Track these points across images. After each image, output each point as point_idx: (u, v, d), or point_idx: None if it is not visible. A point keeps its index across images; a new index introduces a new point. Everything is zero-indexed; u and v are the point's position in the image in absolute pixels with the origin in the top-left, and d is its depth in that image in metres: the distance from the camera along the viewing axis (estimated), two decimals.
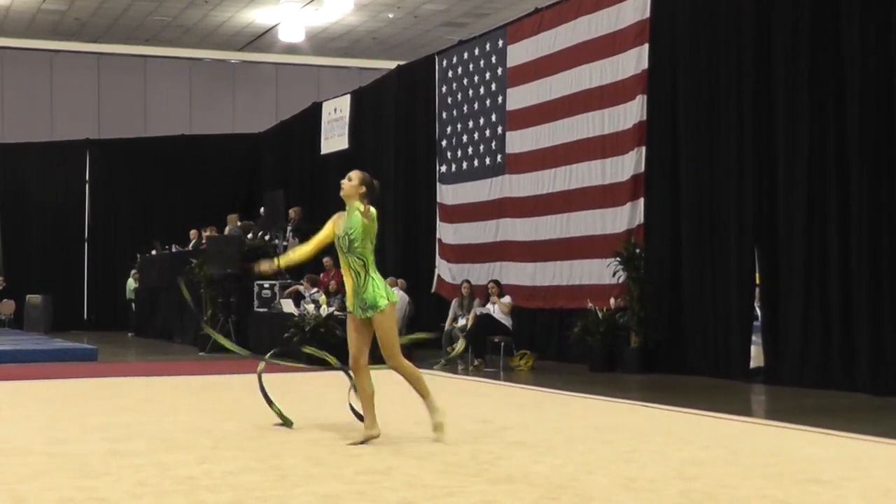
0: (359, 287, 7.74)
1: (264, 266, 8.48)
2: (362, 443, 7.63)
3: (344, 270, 7.88)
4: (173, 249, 22.84)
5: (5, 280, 27.14)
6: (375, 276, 7.74)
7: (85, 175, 28.12)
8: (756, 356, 12.81)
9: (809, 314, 11.91)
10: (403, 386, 7.90)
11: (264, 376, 9.02)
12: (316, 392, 11.75)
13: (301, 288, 17.85)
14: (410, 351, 11.52)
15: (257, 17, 25.43)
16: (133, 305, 25.12)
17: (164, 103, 29.30)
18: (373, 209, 7.77)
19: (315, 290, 17.10)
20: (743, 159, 12.83)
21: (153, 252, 23.74)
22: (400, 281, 17.41)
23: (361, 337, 7.82)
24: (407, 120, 20.49)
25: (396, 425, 8.72)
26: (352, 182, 7.87)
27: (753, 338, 12.93)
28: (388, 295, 7.73)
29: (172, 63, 29.26)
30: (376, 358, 7.69)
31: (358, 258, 7.73)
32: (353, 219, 7.76)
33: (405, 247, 20.25)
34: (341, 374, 8.69)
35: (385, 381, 8.14)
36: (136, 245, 25.19)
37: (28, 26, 26.42)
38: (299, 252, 8.39)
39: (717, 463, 6.88)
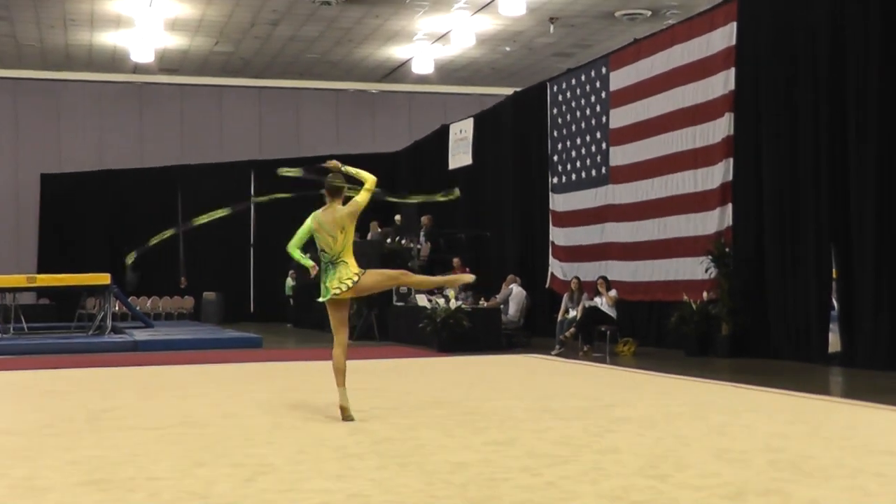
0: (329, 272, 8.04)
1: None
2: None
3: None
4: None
5: (186, 280, 27.87)
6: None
7: (250, 190, 28.67)
8: (833, 342, 12.56)
9: (880, 305, 11.63)
10: (523, 371, 7.93)
11: None
12: (444, 375, 11.84)
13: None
14: None
15: (394, 52, 25.67)
16: (291, 300, 25.53)
17: (315, 128, 29.72)
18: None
19: None
20: (819, 168, 12.58)
21: (307, 254, 24.03)
22: (517, 278, 17.42)
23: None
24: (522, 138, 20.47)
25: (520, 406, 8.77)
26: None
27: (831, 326, 12.69)
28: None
29: (322, 93, 29.67)
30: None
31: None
32: (338, 215, 8.01)
33: (522, 248, 20.23)
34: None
35: (514, 367, 8.17)
36: None
37: (202, 66, 27.09)
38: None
39: (800, 436, 6.76)
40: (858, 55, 12.01)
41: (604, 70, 17.60)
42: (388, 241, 20.63)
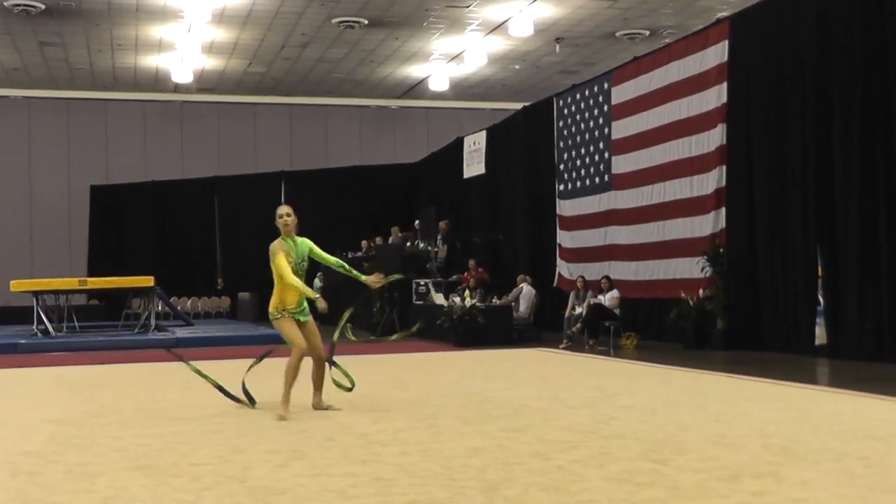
0: (301, 299, 8.00)
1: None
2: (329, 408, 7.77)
3: (293, 287, 7.97)
4: (349, 255, 23.15)
5: (223, 281, 27.89)
6: None
7: (281, 198, 28.64)
8: (820, 335, 12.51)
9: (863, 300, 11.58)
10: (534, 363, 7.89)
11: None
12: (460, 368, 11.82)
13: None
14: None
15: (412, 71, 25.67)
16: None
17: (341, 141, 29.72)
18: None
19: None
20: (807, 175, 12.53)
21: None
22: (528, 278, 17.39)
23: (313, 335, 8.08)
24: (531, 149, 20.44)
25: (532, 396, 8.75)
26: (293, 218, 7.91)
27: (818, 320, 12.63)
28: None
29: (347, 110, 29.68)
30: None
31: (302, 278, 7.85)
32: (302, 249, 8.01)
33: (532, 250, 20.19)
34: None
35: (525, 360, 8.13)
36: None
37: (237, 86, 27.15)
38: (305, 287, 8.14)
39: (791, 422, 6.72)
40: (842, 69, 11.95)
41: (606, 85, 17.56)
42: (409, 244, 20.63)
